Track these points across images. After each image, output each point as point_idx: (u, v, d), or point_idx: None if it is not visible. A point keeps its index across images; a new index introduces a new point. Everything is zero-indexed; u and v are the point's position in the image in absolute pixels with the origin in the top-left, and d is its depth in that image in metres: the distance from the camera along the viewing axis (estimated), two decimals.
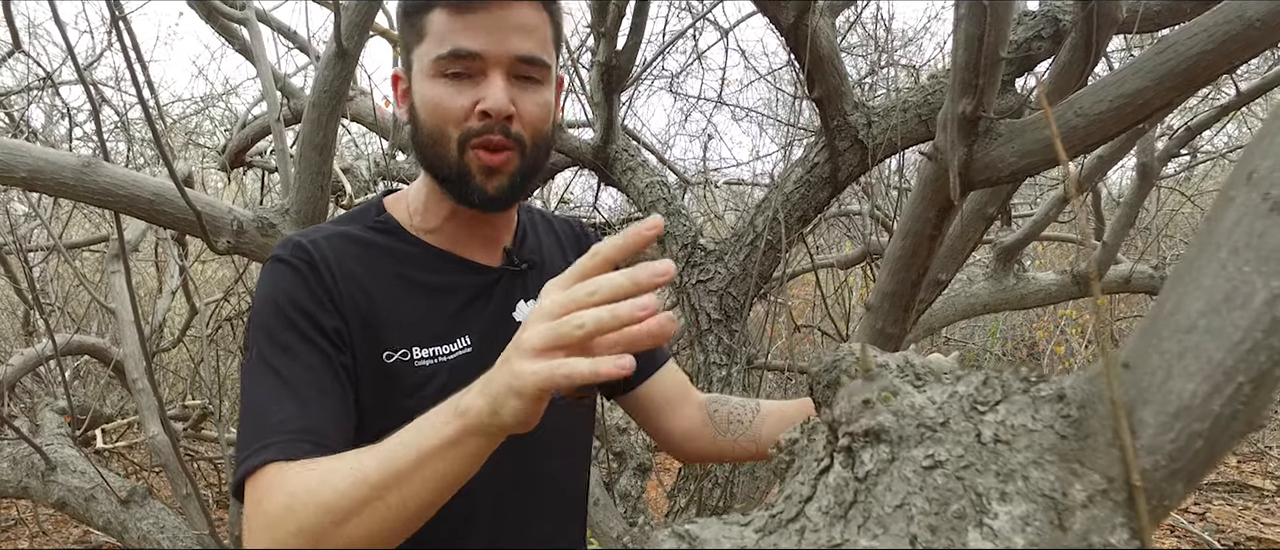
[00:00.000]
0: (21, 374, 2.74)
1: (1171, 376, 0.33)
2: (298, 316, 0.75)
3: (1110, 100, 1.00)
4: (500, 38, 0.76)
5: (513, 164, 0.79)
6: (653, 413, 1.01)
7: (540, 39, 0.79)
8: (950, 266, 1.89)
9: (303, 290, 0.76)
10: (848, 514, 0.34)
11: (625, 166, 2.09)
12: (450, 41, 0.76)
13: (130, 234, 2.85)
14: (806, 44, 1.58)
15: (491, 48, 0.76)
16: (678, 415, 1.00)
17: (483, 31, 0.76)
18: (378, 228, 0.85)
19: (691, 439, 0.99)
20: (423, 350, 0.80)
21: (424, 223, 0.86)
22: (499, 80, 0.77)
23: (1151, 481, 0.32)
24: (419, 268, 0.84)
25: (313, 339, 0.75)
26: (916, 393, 0.37)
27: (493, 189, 0.79)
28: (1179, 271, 0.35)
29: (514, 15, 0.76)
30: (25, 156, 1.54)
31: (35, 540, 3.57)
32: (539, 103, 0.80)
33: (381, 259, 0.82)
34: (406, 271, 0.83)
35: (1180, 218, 4.55)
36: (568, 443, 0.95)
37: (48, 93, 3.38)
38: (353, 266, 0.80)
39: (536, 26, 0.78)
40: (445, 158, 0.79)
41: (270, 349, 0.74)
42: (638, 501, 2.14)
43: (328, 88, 1.61)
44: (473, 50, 0.76)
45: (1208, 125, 2.47)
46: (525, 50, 0.77)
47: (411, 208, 0.87)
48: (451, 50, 0.76)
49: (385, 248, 0.84)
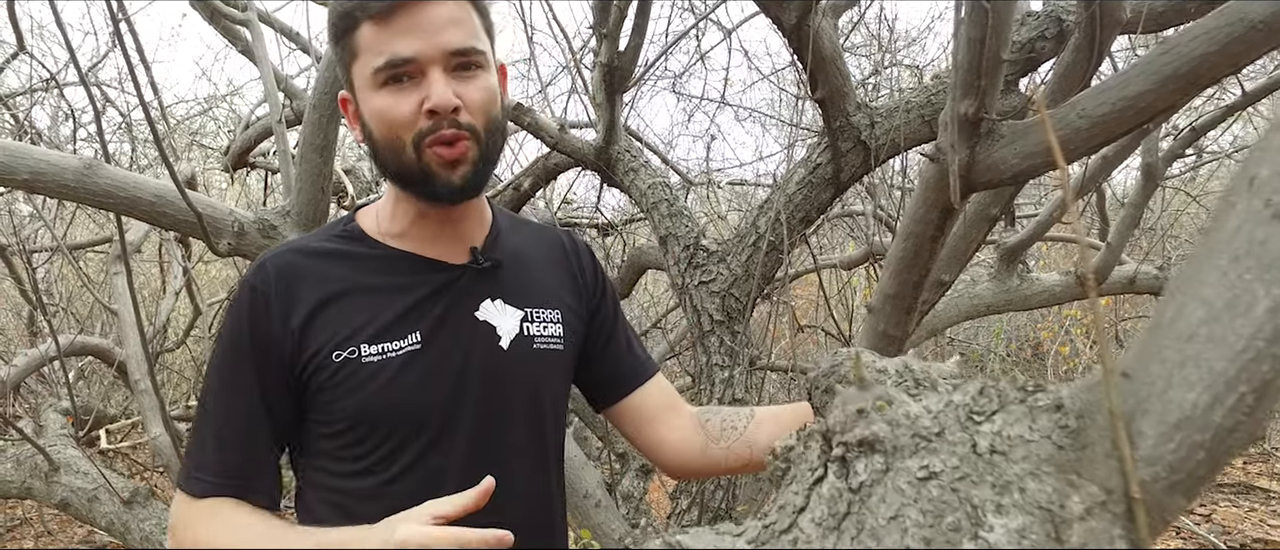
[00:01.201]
0: (25, 375, 2.75)
1: (1172, 386, 0.32)
2: (239, 351, 0.83)
3: (1113, 102, 0.99)
4: (430, 37, 0.78)
5: (471, 152, 0.81)
6: (641, 424, 1.00)
7: (469, 29, 0.80)
8: (953, 267, 1.88)
9: (247, 322, 0.83)
10: (841, 526, 0.33)
11: (628, 167, 2.09)
12: (383, 52, 0.78)
13: (133, 235, 2.85)
14: (809, 45, 1.57)
15: (424, 48, 0.78)
16: (667, 426, 0.99)
17: (411, 35, 0.77)
18: (342, 237, 0.89)
19: (682, 450, 0.98)
20: (371, 347, 0.83)
21: (391, 227, 0.88)
22: (438, 76, 0.78)
23: (1151, 493, 0.32)
24: (375, 270, 0.87)
25: (245, 376, 0.83)
26: (912, 402, 0.37)
27: (458, 179, 0.81)
28: (1179, 279, 0.35)
29: (437, 13, 0.78)
30: (26, 158, 1.54)
31: (40, 540, 3.58)
32: (482, 88, 0.81)
33: (337, 266, 0.86)
34: (360, 275, 0.86)
35: (1185, 218, 4.53)
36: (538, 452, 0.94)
37: (53, 94, 3.39)
38: (302, 281, 0.84)
39: (462, 18, 0.80)
40: (405, 162, 0.81)
41: (217, 381, 0.85)
42: (640, 503, 2.14)
43: (329, 89, 1.61)
44: (406, 56, 0.77)
45: (1213, 125, 2.46)
46: (456, 42, 0.79)
47: (380, 215, 0.90)
48: (387, 60, 0.78)
49: (343, 254, 0.87)
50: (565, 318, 0.95)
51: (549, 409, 0.94)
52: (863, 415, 0.36)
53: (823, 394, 0.63)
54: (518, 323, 0.90)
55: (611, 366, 1.01)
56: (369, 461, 0.84)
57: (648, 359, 1.04)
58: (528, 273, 0.94)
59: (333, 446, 0.85)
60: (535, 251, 0.97)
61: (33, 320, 3.41)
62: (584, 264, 1.01)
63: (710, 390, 1.85)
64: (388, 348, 0.83)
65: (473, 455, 0.86)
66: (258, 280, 0.84)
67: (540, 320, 0.92)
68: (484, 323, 0.88)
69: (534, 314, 0.92)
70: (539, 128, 2.16)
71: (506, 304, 0.90)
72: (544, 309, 0.93)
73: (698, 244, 1.91)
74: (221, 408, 0.84)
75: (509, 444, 0.89)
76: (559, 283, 0.97)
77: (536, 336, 0.91)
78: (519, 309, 0.91)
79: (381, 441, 0.84)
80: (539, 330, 0.92)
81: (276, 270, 0.84)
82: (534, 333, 0.91)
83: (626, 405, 1.00)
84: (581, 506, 1.73)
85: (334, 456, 0.85)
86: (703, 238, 1.94)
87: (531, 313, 0.92)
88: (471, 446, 0.87)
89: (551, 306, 0.94)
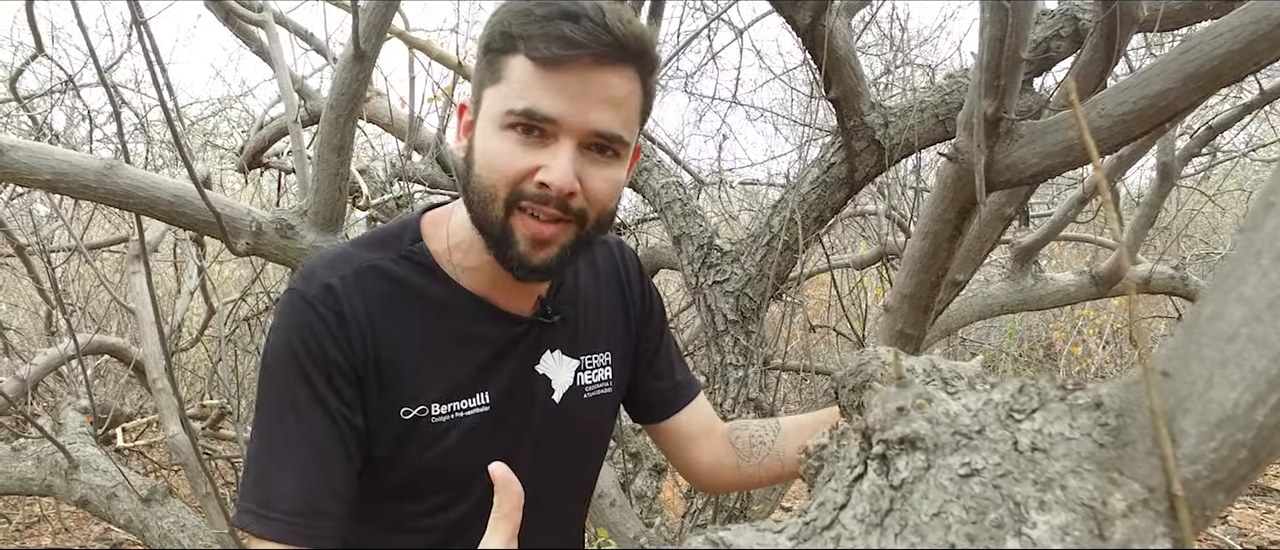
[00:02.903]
0: (45, 373, 2.77)
1: (1213, 385, 0.33)
2: (314, 372, 0.73)
3: (1134, 101, 0.99)
4: (583, 106, 0.68)
5: (566, 237, 0.73)
6: (681, 445, 1.00)
7: (626, 114, 0.72)
8: (968, 267, 1.88)
9: (324, 343, 0.73)
10: (884, 522, 0.33)
11: (641, 166, 2.09)
12: (528, 98, 0.69)
13: (150, 235, 2.88)
14: (824, 44, 1.57)
15: (570, 116, 0.68)
16: (703, 448, 0.99)
17: (565, 96, 0.68)
18: (411, 260, 0.80)
19: (716, 471, 0.98)
20: (441, 407, 0.78)
21: (463, 260, 0.80)
22: (569, 151, 0.69)
23: (1193, 491, 0.32)
24: (447, 316, 0.80)
25: (325, 400, 0.73)
26: (951, 400, 0.37)
27: (538, 260, 0.73)
28: (1218, 278, 0.35)
29: (603, 84, 0.69)
30: (49, 159, 1.56)
31: (57, 537, 3.61)
32: (609, 179, 0.73)
33: (410, 304, 0.78)
34: (433, 320, 0.79)
35: (1200, 218, 4.49)
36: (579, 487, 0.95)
37: (69, 95, 3.42)
38: (378, 314, 0.76)
39: (625, 99, 0.71)
40: (491, 216, 0.73)
41: (285, 400, 0.74)
42: (653, 502, 2.14)
43: (345, 90, 1.62)
44: (547, 115, 0.68)
45: (1229, 124, 2.44)
46: (606, 125, 0.70)
47: (452, 239, 0.81)
48: (526, 108, 0.69)
49: (416, 289, 0.79)
50: (614, 359, 0.93)
51: (594, 451, 0.95)
52: (903, 413, 0.36)
53: (850, 393, 0.63)
54: (572, 374, 0.88)
55: (653, 388, 0.99)
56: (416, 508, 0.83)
57: (688, 381, 1.02)
58: (586, 317, 0.90)
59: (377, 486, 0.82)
60: (591, 285, 0.92)
61: (50, 319, 3.44)
62: (633, 284, 0.97)
63: (724, 390, 1.85)
64: (457, 407, 0.80)
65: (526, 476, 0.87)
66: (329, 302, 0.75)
67: (592, 367, 0.90)
68: (542, 376, 0.86)
69: (587, 361, 0.90)
70: None
71: (563, 354, 0.87)
72: (597, 354, 0.91)
73: (712, 244, 1.92)
74: (297, 433, 0.73)
75: (555, 488, 0.89)
76: (613, 317, 0.94)
77: (587, 386, 0.89)
78: (574, 359, 0.88)
79: (432, 494, 0.83)
80: (589, 379, 0.90)
81: (346, 292, 0.75)
82: (585, 381, 0.89)
83: (665, 428, 1.00)
84: (597, 505, 1.74)
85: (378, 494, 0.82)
86: (716, 237, 1.94)
87: (585, 360, 0.89)
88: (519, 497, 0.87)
89: (603, 349, 0.92)
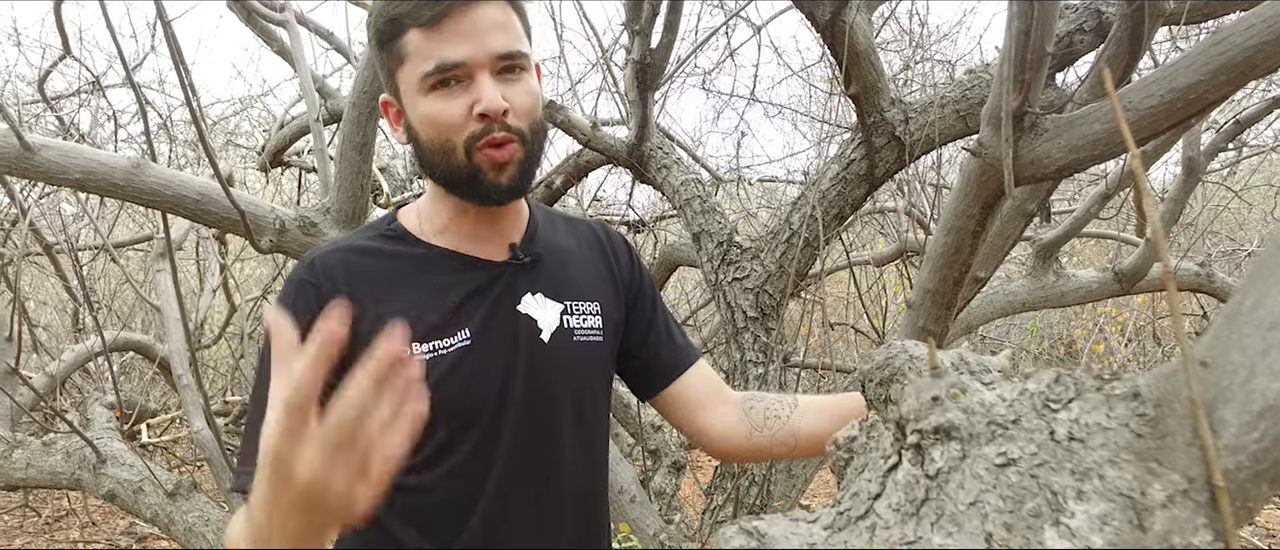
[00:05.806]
0: (73, 369, 2.82)
1: (1255, 374, 0.32)
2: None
3: (1162, 94, 0.98)
4: (477, 42, 0.79)
5: (518, 153, 0.83)
6: (686, 411, 1.01)
7: (513, 32, 0.82)
8: (990, 264, 1.86)
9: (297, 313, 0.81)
10: (920, 511, 0.33)
11: (660, 164, 2.10)
12: (432, 57, 0.79)
13: (175, 233, 2.91)
14: (844, 39, 1.57)
15: (472, 53, 0.79)
16: (712, 414, 1.00)
17: (459, 40, 0.79)
18: (387, 235, 0.90)
19: (727, 437, 0.99)
20: (422, 346, 0.84)
21: (433, 225, 0.90)
22: (486, 81, 0.80)
23: (1234, 482, 0.32)
24: (422, 268, 0.88)
25: None
26: (986, 390, 0.37)
27: (506, 180, 0.83)
28: (1258, 267, 0.35)
29: (483, 17, 0.80)
30: (78, 158, 1.59)
31: (85, 531, 3.67)
32: (527, 92, 0.83)
33: (386, 263, 0.88)
34: (409, 272, 0.87)
35: (1226, 214, 4.43)
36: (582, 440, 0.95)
37: (94, 95, 3.48)
38: (356, 277, 0.85)
39: (506, 22, 0.82)
40: (455, 165, 0.83)
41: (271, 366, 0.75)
42: (672, 499, 2.15)
43: (367, 88, 1.64)
44: (455, 60, 0.79)
45: (1257, 118, 2.40)
46: (502, 46, 0.81)
47: (421, 215, 0.92)
48: (436, 65, 0.79)
49: (391, 253, 0.89)
50: (604, 310, 0.96)
51: (591, 399, 0.95)
52: (938, 403, 0.36)
53: (877, 386, 0.63)
54: (558, 315, 0.92)
55: (652, 356, 1.02)
56: (419, 458, 0.85)
57: (688, 346, 1.05)
58: (565, 267, 0.95)
59: None
60: (572, 246, 0.99)
61: (77, 316, 3.50)
62: (619, 255, 1.03)
63: (743, 387, 1.85)
64: (439, 345, 0.84)
65: (519, 447, 0.87)
66: (308, 275, 0.85)
67: (579, 313, 0.94)
68: (526, 316, 0.90)
69: (573, 307, 0.93)
70: (572, 125, 2.18)
71: (546, 297, 0.92)
72: (582, 301, 0.94)
73: (731, 241, 1.92)
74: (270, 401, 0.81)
75: (554, 434, 0.90)
76: (596, 275, 0.99)
77: (576, 329, 0.93)
78: (558, 302, 0.92)
79: (431, 437, 0.85)
80: (578, 323, 0.93)
81: (325, 267, 0.85)
82: (573, 325, 0.93)
83: (669, 394, 1.01)
84: (617, 502, 1.74)
85: None
86: (736, 234, 1.94)
87: (571, 306, 0.93)
88: (517, 439, 0.88)
89: (590, 299, 0.95)
